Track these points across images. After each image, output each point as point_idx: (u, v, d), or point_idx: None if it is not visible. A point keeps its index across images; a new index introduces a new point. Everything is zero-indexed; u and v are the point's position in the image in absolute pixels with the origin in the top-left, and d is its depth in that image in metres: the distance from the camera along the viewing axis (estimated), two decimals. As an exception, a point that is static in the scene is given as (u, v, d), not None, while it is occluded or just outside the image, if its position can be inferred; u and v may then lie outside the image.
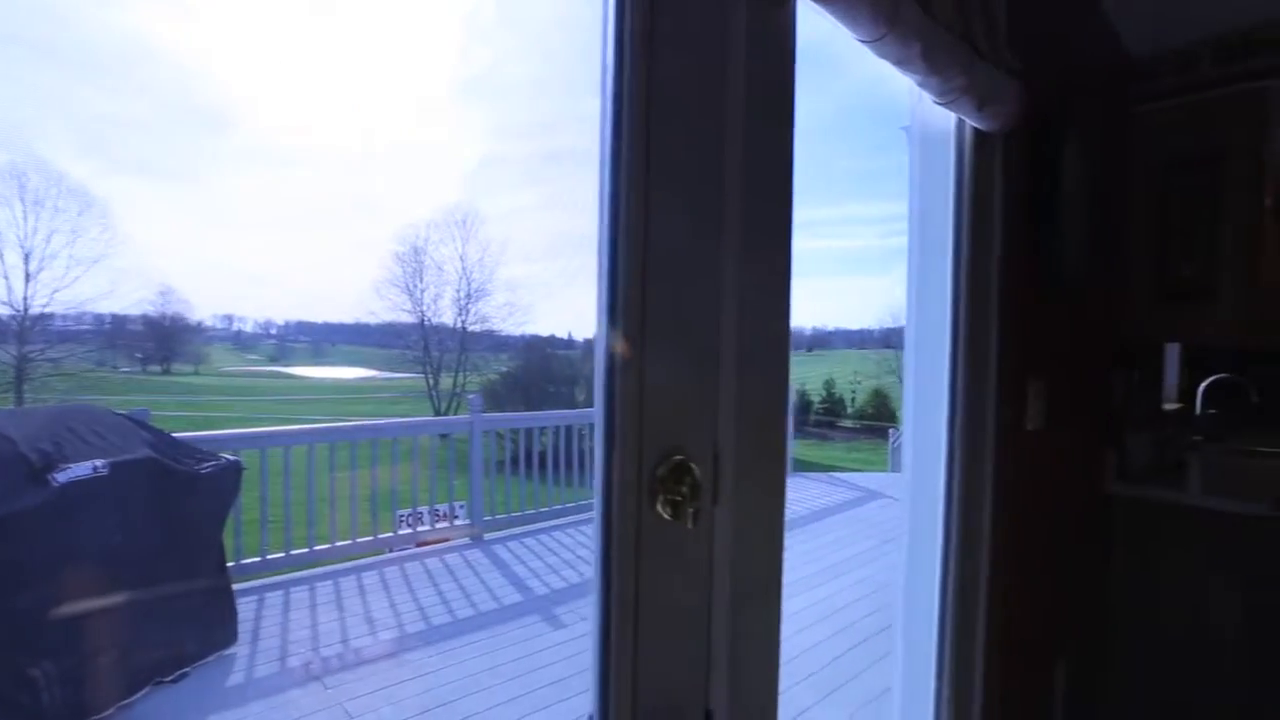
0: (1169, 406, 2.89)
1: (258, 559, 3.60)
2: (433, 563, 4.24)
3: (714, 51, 0.73)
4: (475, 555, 4.45)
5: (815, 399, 18.32)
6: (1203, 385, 2.97)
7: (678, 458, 0.71)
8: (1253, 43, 2.04)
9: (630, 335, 0.66)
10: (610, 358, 0.67)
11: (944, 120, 1.42)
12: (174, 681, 2.52)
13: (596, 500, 0.70)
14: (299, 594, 3.55)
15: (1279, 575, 1.75)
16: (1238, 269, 2.14)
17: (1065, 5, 1.79)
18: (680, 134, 0.71)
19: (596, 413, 0.69)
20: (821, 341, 23.63)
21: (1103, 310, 2.18)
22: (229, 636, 2.83)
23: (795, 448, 7.82)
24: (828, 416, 18.06)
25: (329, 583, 3.74)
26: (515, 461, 5.17)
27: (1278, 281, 2.48)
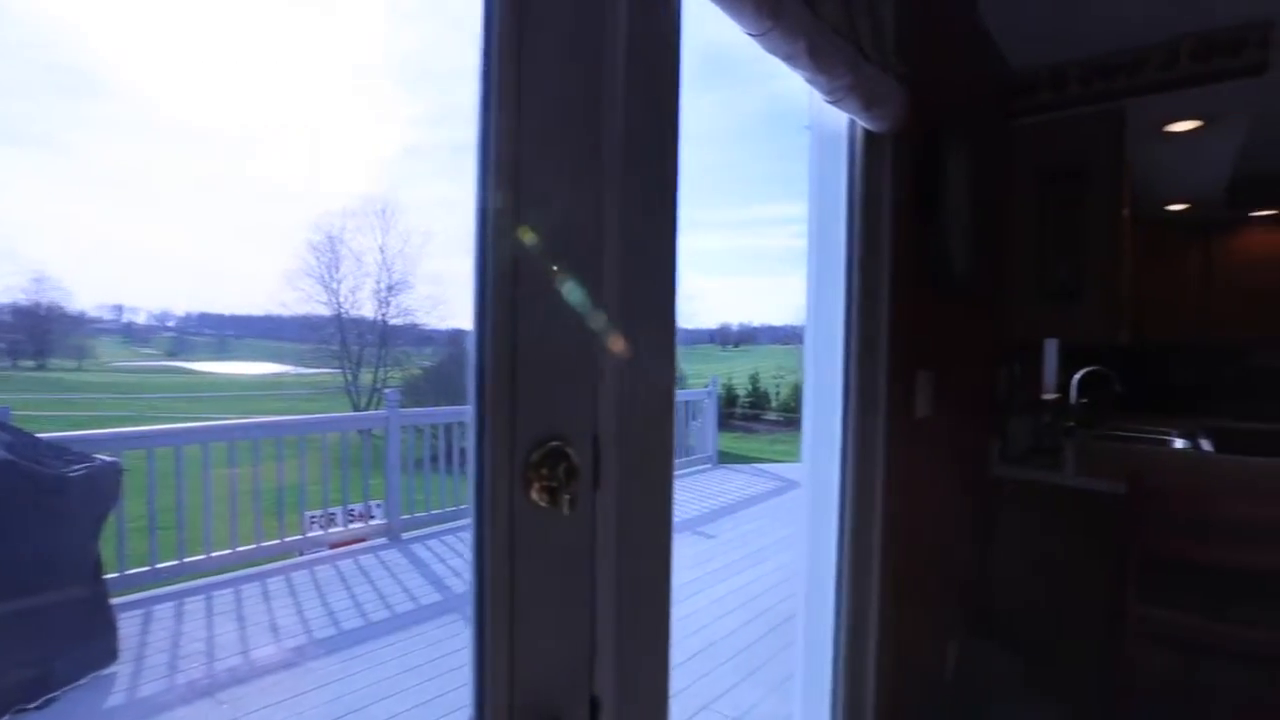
0: (1048, 396, 3.14)
1: (145, 569, 3.34)
2: (345, 565, 4.08)
3: (591, 38, 0.73)
4: (392, 555, 4.31)
5: (741, 393, 18.79)
6: (1076, 377, 3.24)
7: (554, 443, 0.71)
8: (1111, 66, 2.23)
9: (501, 321, 0.65)
10: (480, 343, 0.66)
11: (838, 121, 1.48)
12: (39, 708, 2.30)
13: (470, 489, 0.68)
14: (193, 604, 3.33)
15: (1139, 548, 1.93)
16: (1101, 273, 2.34)
17: (950, 20, 1.89)
18: (554, 120, 0.70)
19: (469, 399, 0.68)
20: (748, 337, 24.29)
21: (989, 307, 2.33)
22: (107, 654, 2.61)
23: (721, 441, 8.01)
24: (753, 410, 18.55)
25: (228, 591, 3.53)
26: (436, 458, 5.03)
27: (1133, 284, 2.74)
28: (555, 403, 0.72)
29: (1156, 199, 3.66)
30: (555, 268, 0.70)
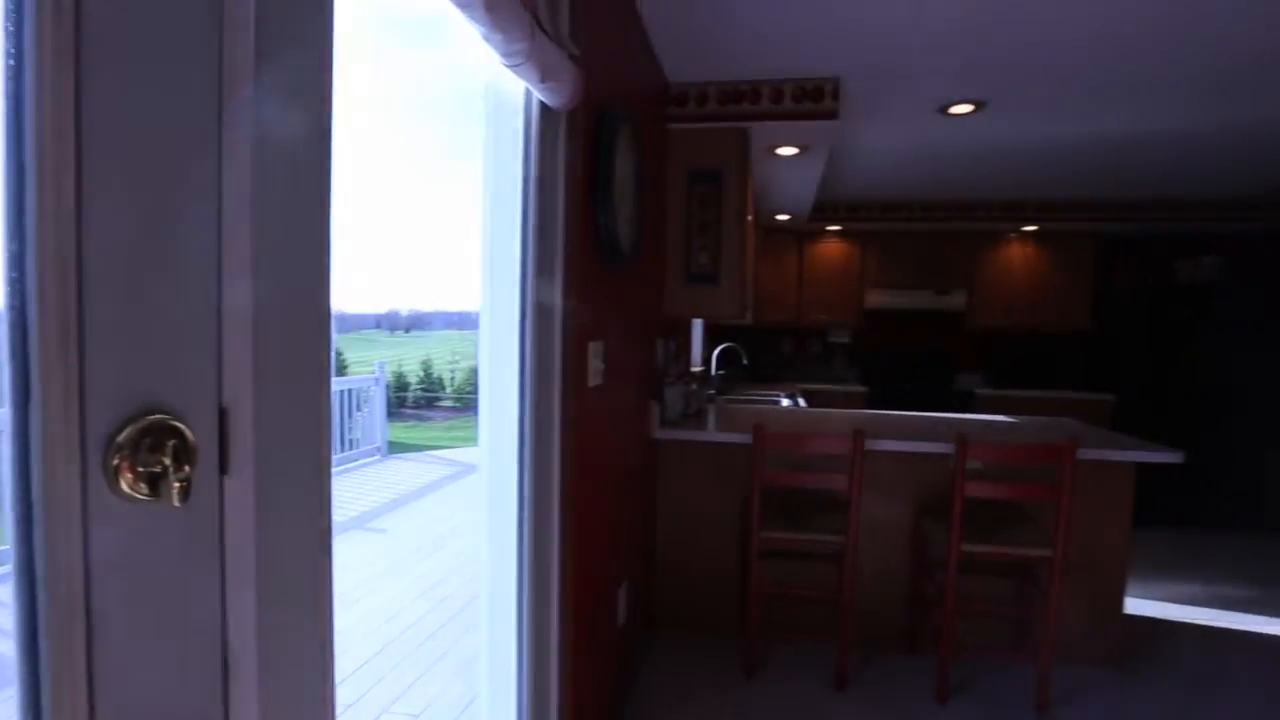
0: (695, 368, 3.69)
1: None
2: None
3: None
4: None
5: (413, 380, 18.05)
6: (716, 352, 3.88)
7: (155, 416, 0.54)
8: (739, 93, 2.70)
9: (51, 231, 0.47)
10: (17, 267, 0.46)
11: (515, 92, 1.47)
12: None
13: (5, 486, 0.48)
14: None
15: (759, 484, 2.39)
16: (732, 264, 2.82)
17: (620, 26, 2.04)
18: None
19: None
20: (420, 323, 23.32)
21: (649, 286, 2.61)
22: None
23: (391, 430, 7.55)
24: (426, 396, 17.98)
25: None
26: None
27: (754, 276, 3.35)
28: (157, 362, 0.55)
29: (770, 209, 4.55)
30: (145, 176, 0.53)
